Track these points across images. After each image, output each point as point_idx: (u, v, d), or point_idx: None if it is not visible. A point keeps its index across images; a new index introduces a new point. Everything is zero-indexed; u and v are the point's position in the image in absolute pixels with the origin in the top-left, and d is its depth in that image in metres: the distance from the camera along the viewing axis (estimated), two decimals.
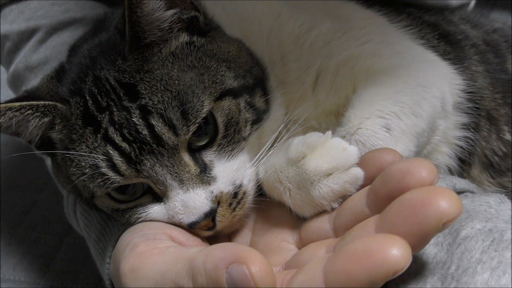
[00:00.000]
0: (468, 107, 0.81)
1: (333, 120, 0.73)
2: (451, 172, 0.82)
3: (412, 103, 0.68)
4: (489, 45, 0.95)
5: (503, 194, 0.67)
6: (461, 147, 0.81)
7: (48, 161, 0.76)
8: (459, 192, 0.67)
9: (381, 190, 0.49)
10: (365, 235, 0.46)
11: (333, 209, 0.57)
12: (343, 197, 0.56)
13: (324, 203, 0.56)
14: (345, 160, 0.56)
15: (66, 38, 0.86)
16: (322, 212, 0.57)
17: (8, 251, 1.30)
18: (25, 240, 1.32)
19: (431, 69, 0.77)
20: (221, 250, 0.45)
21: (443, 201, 0.42)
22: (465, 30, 0.96)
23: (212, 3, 0.76)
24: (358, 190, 0.56)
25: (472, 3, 1.22)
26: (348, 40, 0.76)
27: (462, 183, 0.68)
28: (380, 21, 0.84)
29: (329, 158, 0.56)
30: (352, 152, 0.57)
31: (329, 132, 0.59)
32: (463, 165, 0.82)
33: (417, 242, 0.43)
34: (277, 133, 0.66)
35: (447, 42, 0.88)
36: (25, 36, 0.88)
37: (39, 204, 1.36)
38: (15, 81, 0.91)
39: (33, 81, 0.86)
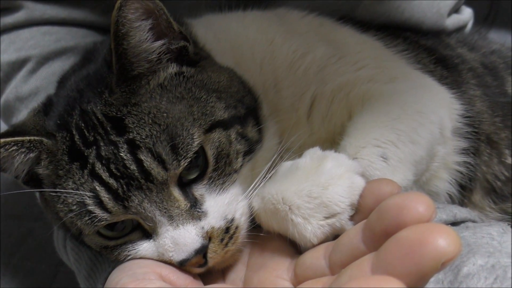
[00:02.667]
0: (467, 131, 0.79)
1: (328, 148, 0.71)
2: (451, 198, 0.80)
3: (410, 130, 0.66)
4: (487, 67, 0.94)
5: (506, 223, 0.66)
6: (461, 173, 0.79)
7: (37, 194, 0.75)
8: (460, 222, 0.65)
9: (376, 226, 0.47)
10: (360, 276, 0.44)
11: (334, 238, 0.54)
12: (352, 206, 0.54)
13: (337, 208, 0.53)
14: (354, 166, 0.57)
15: (57, 68, 0.85)
16: (318, 246, 0.55)
17: (4, 282, 1.28)
18: (21, 270, 1.30)
19: (428, 95, 0.76)
20: None
21: (441, 239, 0.40)
22: (462, 54, 0.95)
23: (204, 30, 0.75)
24: (354, 222, 0.54)
25: (470, 24, 1.22)
26: (343, 66, 0.75)
27: (463, 212, 0.66)
28: (376, 45, 0.83)
29: (341, 164, 0.56)
30: (355, 162, 0.58)
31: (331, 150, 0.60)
32: (464, 191, 0.80)
33: (415, 283, 0.40)
34: (270, 163, 0.64)
35: (444, 67, 0.87)
36: (16, 66, 0.88)
37: (35, 233, 1.34)
38: (6, 112, 0.90)
39: (24, 112, 0.85)
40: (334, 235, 0.55)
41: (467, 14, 1.17)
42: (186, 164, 0.56)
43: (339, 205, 0.53)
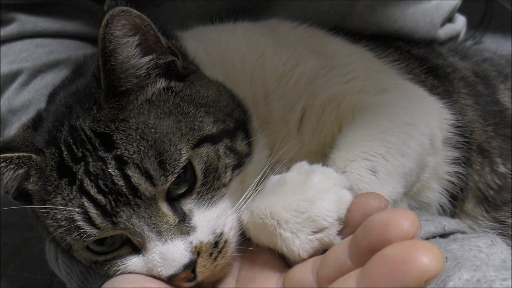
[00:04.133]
0: (458, 141, 0.79)
1: (319, 160, 0.71)
2: (443, 208, 0.80)
3: (399, 142, 0.66)
4: (478, 76, 0.94)
5: (495, 235, 0.66)
6: (453, 183, 0.79)
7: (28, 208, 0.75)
8: (449, 234, 0.65)
9: (362, 242, 0.47)
10: None
11: (321, 253, 0.54)
12: (339, 220, 0.54)
13: (324, 223, 0.53)
14: (342, 180, 0.56)
15: (50, 80, 0.86)
16: (306, 261, 0.55)
17: None
18: (16, 279, 1.30)
19: (418, 105, 0.76)
20: None
21: (424, 257, 0.40)
22: (454, 63, 0.95)
23: (194, 43, 0.76)
24: (343, 236, 0.54)
25: (463, 33, 1.22)
26: (333, 78, 0.75)
27: (452, 224, 0.66)
28: (367, 56, 0.84)
29: (328, 177, 0.56)
30: (343, 176, 0.58)
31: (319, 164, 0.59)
32: (455, 201, 0.80)
33: None
34: (260, 175, 0.64)
35: (435, 76, 0.88)
36: (8, 79, 0.88)
37: (30, 242, 1.35)
38: None
39: (16, 124, 0.85)
40: (323, 249, 0.55)
41: (460, 22, 1.17)
42: (173, 179, 0.56)
43: (327, 219, 0.53)
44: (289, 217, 0.54)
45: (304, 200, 0.54)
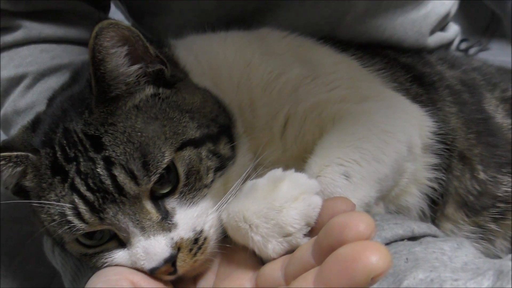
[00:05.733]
0: (439, 148, 0.81)
1: (301, 164, 0.74)
2: (423, 213, 0.83)
3: (375, 149, 0.69)
4: (465, 84, 0.96)
5: (464, 239, 0.68)
6: (433, 188, 0.81)
7: None
8: (419, 237, 0.68)
9: (323, 242, 0.51)
10: None
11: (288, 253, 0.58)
12: (307, 225, 0.57)
13: (291, 229, 0.56)
14: (311, 187, 0.59)
15: (53, 83, 0.90)
16: (277, 259, 0.58)
17: (4, 283, 1.33)
18: (21, 272, 1.34)
19: (398, 113, 0.78)
20: None
21: (372, 256, 0.43)
22: (441, 71, 0.97)
23: (186, 52, 0.80)
24: (311, 237, 0.58)
25: (456, 41, 1.24)
26: (316, 86, 0.78)
27: (422, 228, 0.69)
28: (352, 65, 0.87)
29: (297, 185, 0.59)
30: (314, 182, 0.60)
31: (292, 169, 0.62)
32: (435, 205, 0.82)
33: None
34: (241, 178, 0.67)
35: (420, 84, 0.90)
36: (14, 82, 0.92)
37: (34, 237, 1.39)
38: (4, 124, 0.95)
39: (20, 124, 0.90)
40: (293, 249, 0.59)
41: (452, 31, 1.19)
42: (155, 179, 0.60)
43: (294, 226, 0.56)
44: (259, 223, 0.57)
45: (272, 208, 0.57)
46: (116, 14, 1.18)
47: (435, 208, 0.83)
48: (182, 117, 0.65)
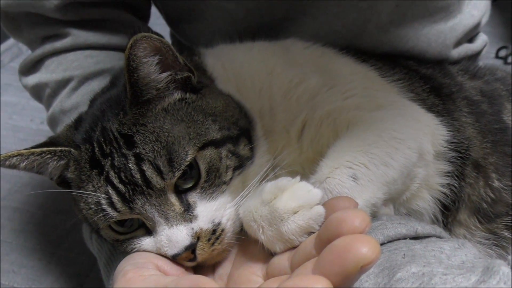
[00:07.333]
0: (452, 156, 0.84)
1: (316, 166, 0.80)
2: (436, 217, 0.86)
3: (383, 154, 0.73)
4: (485, 95, 0.97)
5: (466, 240, 0.71)
6: (445, 194, 0.84)
7: None
8: (423, 237, 0.72)
9: (323, 235, 0.56)
10: (302, 275, 0.54)
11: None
12: (309, 233, 0.62)
13: (292, 237, 0.61)
14: (310, 200, 0.62)
15: (95, 86, 0.98)
16: (285, 252, 0.64)
17: (48, 269, 1.45)
18: (64, 260, 1.46)
19: (411, 122, 0.81)
20: (187, 280, 0.55)
21: (362, 247, 0.48)
22: (461, 82, 0.99)
23: (214, 60, 0.87)
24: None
25: (484, 51, 1.24)
26: (333, 95, 0.83)
27: (426, 229, 0.72)
28: (369, 75, 0.91)
29: (296, 198, 0.63)
30: (315, 193, 0.63)
31: (298, 177, 0.66)
32: (447, 210, 0.85)
33: (341, 282, 0.49)
34: (258, 177, 0.73)
35: (437, 95, 0.92)
36: (61, 84, 1.02)
37: (78, 227, 1.50)
38: (52, 122, 1.05)
39: (66, 123, 0.99)
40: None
41: (479, 42, 1.19)
42: (179, 175, 0.67)
43: (295, 236, 0.62)
44: (265, 225, 0.64)
45: (275, 217, 0.63)
46: (160, 19, 1.27)
47: (448, 214, 0.86)
48: (206, 120, 0.72)
